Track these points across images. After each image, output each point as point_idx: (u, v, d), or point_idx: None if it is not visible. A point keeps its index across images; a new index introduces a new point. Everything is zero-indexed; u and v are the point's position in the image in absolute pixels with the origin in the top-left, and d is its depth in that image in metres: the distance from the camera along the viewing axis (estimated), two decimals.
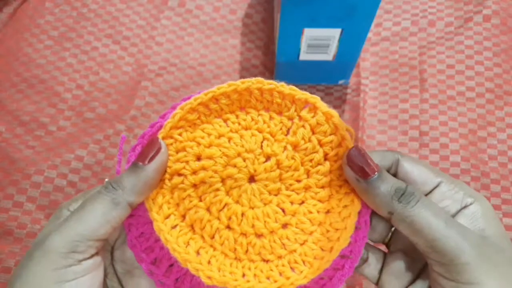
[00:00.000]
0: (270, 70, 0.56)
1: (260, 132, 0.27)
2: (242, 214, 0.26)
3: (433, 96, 0.52)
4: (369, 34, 0.56)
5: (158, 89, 0.54)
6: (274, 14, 0.56)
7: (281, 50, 0.48)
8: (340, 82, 0.53)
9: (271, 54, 0.56)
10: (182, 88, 0.54)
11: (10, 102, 0.52)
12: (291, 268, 0.26)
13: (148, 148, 0.25)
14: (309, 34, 0.45)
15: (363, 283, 0.43)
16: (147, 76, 0.54)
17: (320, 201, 0.27)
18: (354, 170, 0.25)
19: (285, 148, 0.27)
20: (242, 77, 0.55)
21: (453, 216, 0.25)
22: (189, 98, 0.26)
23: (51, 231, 0.23)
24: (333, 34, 0.45)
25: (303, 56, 0.48)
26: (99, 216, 0.23)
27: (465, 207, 0.25)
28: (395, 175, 0.26)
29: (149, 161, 0.25)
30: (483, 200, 0.25)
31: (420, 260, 0.26)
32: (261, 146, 0.27)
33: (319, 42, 0.46)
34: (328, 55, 0.48)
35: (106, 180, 0.25)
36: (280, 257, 0.26)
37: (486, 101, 0.51)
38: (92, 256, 0.24)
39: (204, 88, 0.54)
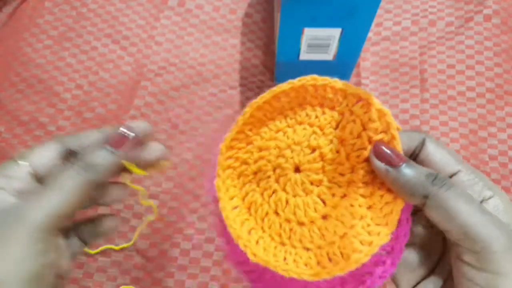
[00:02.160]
0: (270, 70, 0.55)
1: (311, 126, 0.29)
2: (287, 202, 0.28)
3: (433, 96, 0.51)
4: (370, 34, 0.55)
5: (158, 89, 0.53)
6: (274, 13, 0.56)
7: (281, 50, 0.48)
8: None
9: (271, 54, 0.56)
10: (182, 88, 0.54)
11: (10, 102, 0.52)
12: (328, 258, 0.26)
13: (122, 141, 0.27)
14: (309, 33, 0.44)
15: None
16: (147, 76, 0.54)
17: (362, 196, 0.27)
18: (383, 160, 0.25)
19: (331, 141, 0.28)
20: (242, 77, 0.55)
21: None
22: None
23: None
24: (333, 34, 0.44)
25: (303, 56, 0.48)
26: (82, 198, 0.25)
27: (483, 200, 0.24)
28: (418, 155, 0.26)
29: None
30: (502, 194, 0.25)
31: (434, 256, 0.27)
32: (309, 139, 0.28)
33: (319, 41, 0.46)
34: (328, 55, 0.48)
35: (85, 161, 0.26)
36: (319, 247, 0.27)
37: (486, 101, 0.51)
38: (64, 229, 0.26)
39: (204, 88, 0.54)
